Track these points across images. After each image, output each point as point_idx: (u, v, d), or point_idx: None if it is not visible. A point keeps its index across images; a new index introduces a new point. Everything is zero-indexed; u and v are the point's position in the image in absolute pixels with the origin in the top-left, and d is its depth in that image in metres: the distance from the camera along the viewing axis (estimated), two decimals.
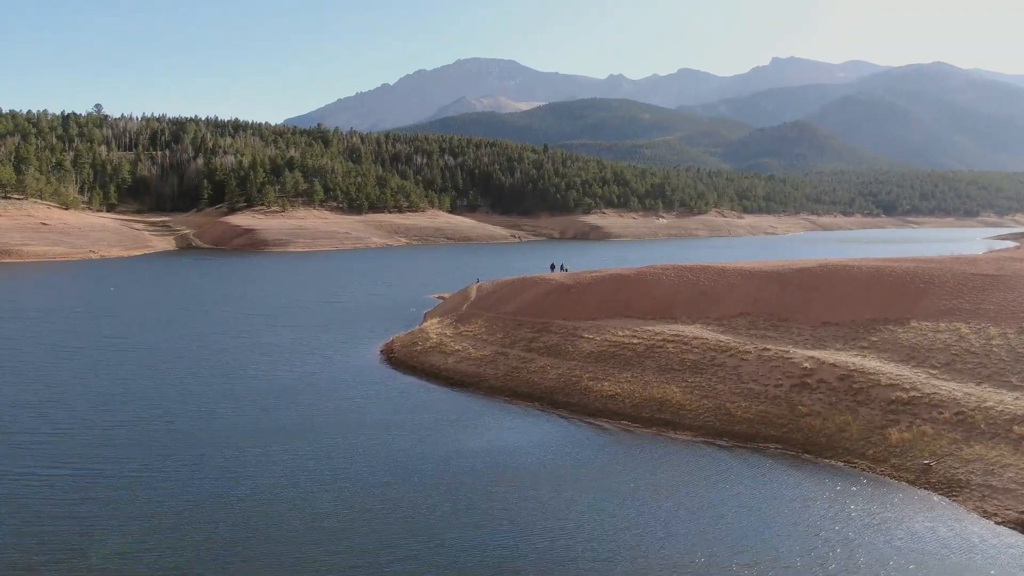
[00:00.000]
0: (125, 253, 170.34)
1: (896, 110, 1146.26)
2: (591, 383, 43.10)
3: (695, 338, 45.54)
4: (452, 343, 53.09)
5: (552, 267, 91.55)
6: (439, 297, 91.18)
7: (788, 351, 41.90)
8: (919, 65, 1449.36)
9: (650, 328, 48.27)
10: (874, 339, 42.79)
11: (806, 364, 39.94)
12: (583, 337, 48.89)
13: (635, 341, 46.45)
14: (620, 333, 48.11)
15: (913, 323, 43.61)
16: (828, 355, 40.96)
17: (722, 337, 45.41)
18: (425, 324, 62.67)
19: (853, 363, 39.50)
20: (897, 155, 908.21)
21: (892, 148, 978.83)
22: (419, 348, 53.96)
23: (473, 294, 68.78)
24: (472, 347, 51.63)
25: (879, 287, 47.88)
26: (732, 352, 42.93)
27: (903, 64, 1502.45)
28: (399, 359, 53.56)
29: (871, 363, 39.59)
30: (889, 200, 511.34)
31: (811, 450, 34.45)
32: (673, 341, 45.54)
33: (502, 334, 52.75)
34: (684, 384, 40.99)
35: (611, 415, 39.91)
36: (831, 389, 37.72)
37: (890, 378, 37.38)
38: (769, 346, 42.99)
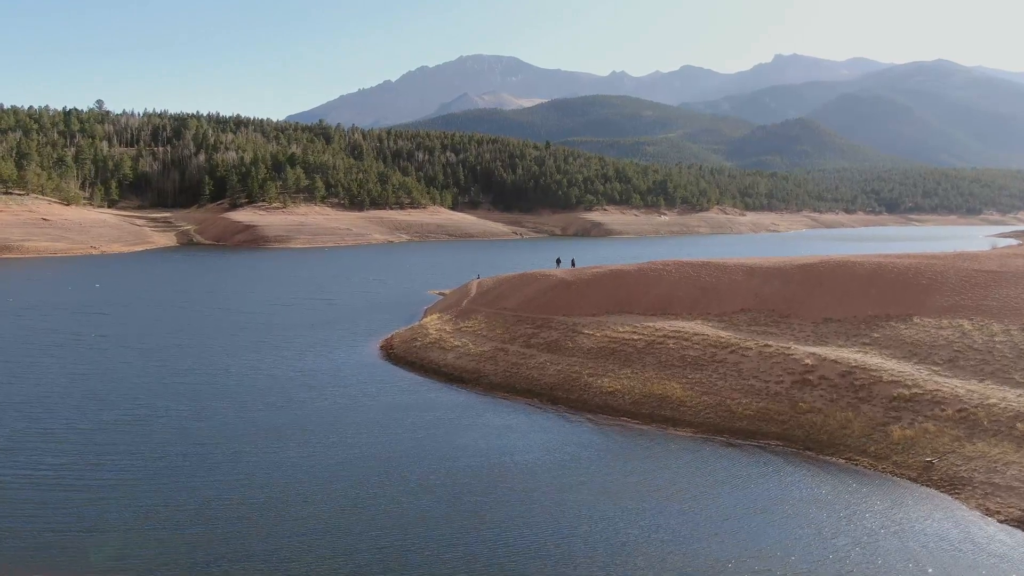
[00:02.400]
0: (126, 249, 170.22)
1: (899, 107, 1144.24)
2: (591, 379, 42.81)
3: (696, 334, 45.24)
4: (452, 339, 52.80)
5: (558, 262, 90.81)
6: (439, 293, 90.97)
7: (789, 347, 41.60)
8: (922, 62, 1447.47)
9: (650, 324, 47.97)
10: (876, 336, 42.47)
11: (807, 361, 39.63)
12: (583, 333, 48.58)
13: (635, 337, 46.15)
14: (620, 329, 47.81)
15: (916, 319, 43.28)
16: (830, 351, 40.65)
17: (723, 333, 45.11)
18: (425, 320, 62.40)
19: (855, 360, 39.17)
20: (900, 152, 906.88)
21: (895, 145, 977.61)
22: (418, 344, 53.66)
23: (473, 290, 68.51)
24: (472, 343, 51.34)
25: (881, 283, 47.56)
26: (733, 348, 42.63)
27: (906, 61, 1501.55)
28: (398, 355, 53.25)
29: (873, 360, 39.27)
30: (892, 198, 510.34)
31: (812, 447, 34.14)
32: (674, 337, 45.23)
33: (502, 330, 52.46)
34: (684, 380, 40.69)
35: (611, 411, 39.62)
36: (833, 386, 37.41)
37: (892, 375, 37.07)
38: (770, 342, 42.69)
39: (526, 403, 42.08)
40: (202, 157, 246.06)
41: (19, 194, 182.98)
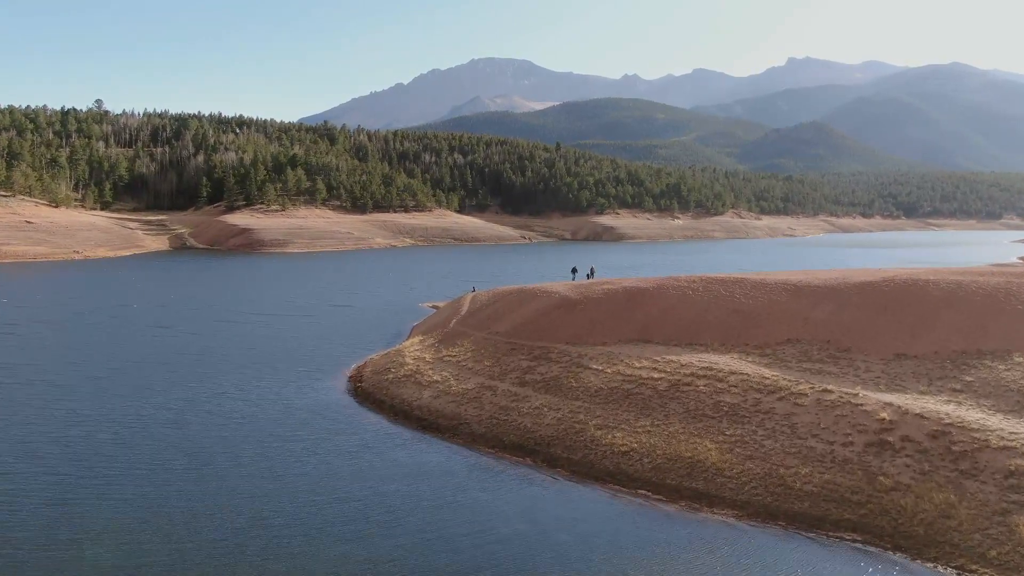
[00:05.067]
0: (112, 253, 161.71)
1: (913, 111, 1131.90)
2: (599, 433, 33.39)
3: (732, 373, 35.76)
4: (430, 371, 43.40)
5: (574, 272, 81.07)
6: (432, 306, 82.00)
7: (856, 394, 32.12)
8: (936, 65, 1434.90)
9: (674, 358, 38.49)
10: (969, 379, 32.93)
11: (883, 414, 30.18)
12: (590, 368, 39.14)
13: (655, 376, 36.70)
14: (637, 364, 38.36)
15: (1019, 357, 33.72)
16: (911, 401, 31.15)
17: (767, 372, 35.61)
18: (405, 344, 53.00)
19: (947, 413, 29.72)
20: (914, 156, 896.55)
21: (909, 149, 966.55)
22: (391, 377, 44.27)
23: (465, 306, 59.30)
24: (454, 377, 41.92)
25: (966, 308, 37.90)
26: (782, 393, 33.19)
27: (920, 65, 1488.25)
28: (366, 390, 43.86)
29: (971, 414, 29.80)
30: (909, 202, 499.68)
31: (905, 545, 24.65)
32: (704, 376, 35.80)
33: (491, 361, 43.03)
34: (721, 438, 31.26)
35: (626, 481, 30.20)
36: (922, 451, 27.99)
37: (1003, 437, 27.60)
38: (830, 386, 33.21)
39: (516, 464, 32.64)
40: (201, 158, 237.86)
41: (4, 195, 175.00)
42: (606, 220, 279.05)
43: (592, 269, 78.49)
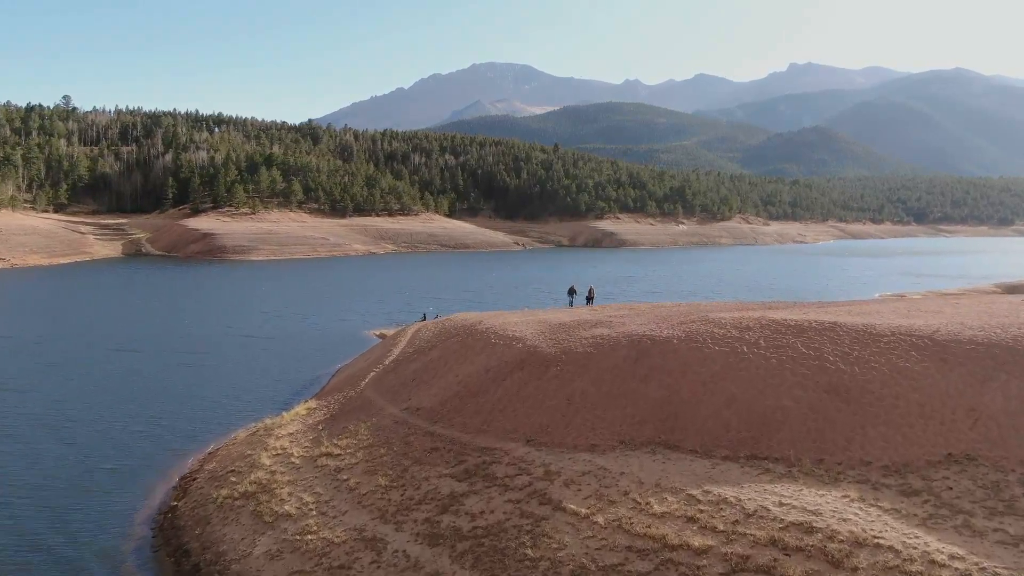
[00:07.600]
0: (47, 261, 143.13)
1: (916, 115, 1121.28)
2: None
3: (859, 543, 16.83)
4: (286, 490, 24.36)
5: (571, 293, 61.51)
6: (380, 335, 63.65)
7: None
8: (940, 70, 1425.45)
9: (730, 493, 19.54)
10: None
11: None
12: (566, 509, 20.09)
13: (695, 542, 17.76)
14: (656, 506, 19.42)
15: None
16: None
17: (934, 543, 16.68)
18: (285, 416, 33.80)
19: None
20: (918, 161, 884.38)
21: (913, 153, 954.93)
22: (223, 495, 25.20)
23: (397, 349, 40.71)
24: (319, 509, 22.94)
25: None
26: None
27: (923, 70, 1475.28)
28: (178, 522, 25.03)
29: None
30: (919, 207, 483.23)
31: None
32: (799, 549, 16.94)
33: (390, 476, 23.82)
34: None
35: None
36: None
37: None
38: None
39: None
40: (169, 157, 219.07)
41: None
42: (606, 225, 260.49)
43: (592, 290, 59.50)
